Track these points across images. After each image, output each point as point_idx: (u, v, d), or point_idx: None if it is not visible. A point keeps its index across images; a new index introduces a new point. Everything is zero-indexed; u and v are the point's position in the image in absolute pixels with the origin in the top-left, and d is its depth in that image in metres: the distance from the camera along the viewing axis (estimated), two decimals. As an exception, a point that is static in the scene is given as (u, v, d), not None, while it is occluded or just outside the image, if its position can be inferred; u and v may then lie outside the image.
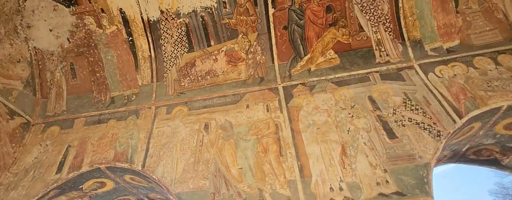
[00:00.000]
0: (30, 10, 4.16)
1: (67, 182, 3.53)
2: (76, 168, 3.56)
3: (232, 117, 3.66)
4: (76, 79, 4.39)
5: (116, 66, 4.31)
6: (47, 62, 4.41)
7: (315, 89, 3.71)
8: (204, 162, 3.33)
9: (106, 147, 3.69)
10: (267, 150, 3.29)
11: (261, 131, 3.45)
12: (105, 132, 3.87)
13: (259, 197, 2.97)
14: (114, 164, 3.51)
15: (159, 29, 4.21)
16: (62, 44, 4.38)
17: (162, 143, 3.59)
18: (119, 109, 4.09)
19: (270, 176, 3.09)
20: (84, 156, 3.66)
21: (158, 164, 3.41)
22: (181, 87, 4.10)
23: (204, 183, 3.16)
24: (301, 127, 3.40)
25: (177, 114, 3.85)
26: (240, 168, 3.21)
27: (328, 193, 2.86)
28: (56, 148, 3.83)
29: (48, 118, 4.19)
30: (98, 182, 3.70)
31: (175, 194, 3.14)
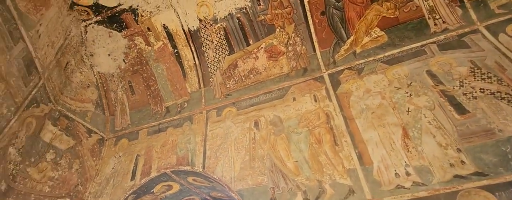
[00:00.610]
0: (91, 40, 4.91)
1: (141, 187, 4.05)
2: (146, 174, 4.06)
3: (281, 112, 3.77)
4: (135, 95, 5.02)
5: (167, 78, 4.81)
6: (110, 83, 5.13)
7: (363, 72, 3.61)
8: (259, 159, 3.50)
9: (168, 153, 4.14)
10: (321, 141, 3.31)
11: (312, 122, 3.49)
12: (165, 139, 4.34)
13: (319, 188, 3.01)
14: (177, 168, 3.91)
15: (200, 37, 4.58)
16: (119, 66, 5.06)
17: (217, 144, 3.88)
18: (174, 117, 4.54)
19: (328, 167, 3.10)
20: (152, 163, 4.16)
21: (217, 164, 3.69)
22: (227, 89, 4.38)
23: (262, 179, 3.32)
24: (354, 113, 3.34)
25: (227, 115, 4.12)
26: (296, 161, 3.29)
27: (394, 179, 2.76)
28: (128, 158, 4.42)
29: (117, 133, 4.86)
30: (166, 185, 4.16)
31: (236, 191, 3.37)
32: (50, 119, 4.04)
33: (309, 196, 3.01)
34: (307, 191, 3.04)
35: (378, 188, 2.78)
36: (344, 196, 2.86)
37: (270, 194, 3.18)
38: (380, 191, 2.75)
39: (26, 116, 3.56)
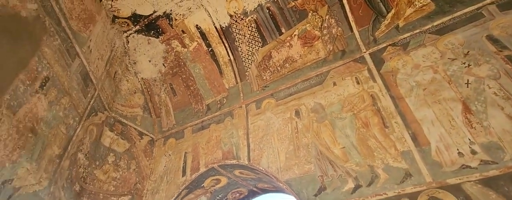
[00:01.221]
0: (132, 49, 5.35)
1: (192, 182, 4.32)
2: (196, 170, 4.31)
3: (321, 98, 3.71)
4: (177, 96, 5.35)
5: (204, 76, 5.04)
6: (153, 88, 5.53)
7: (409, 47, 3.37)
8: (304, 148, 3.49)
9: (214, 149, 4.34)
10: (368, 124, 3.18)
11: (356, 106, 3.37)
12: (209, 136, 4.56)
13: (371, 174, 2.90)
14: (224, 162, 4.08)
15: (232, 33, 4.71)
16: (160, 70, 5.43)
17: (260, 136, 3.96)
18: (215, 113, 4.74)
19: (379, 151, 2.97)
20: (199, 159, 4.41)
21: (262, 156, 3.77)
22: (264, 81, 4.44)
23: (309, 167, 3.31)
24: (403, 92, 3.15)
25: (266, 107, 4.18)
26: (343, 147, 3.21)
27: (457, 159, 2.55)
28: (177, 156, 4.74)
29: (164, 133, 5.23)
30: (215, 179, 4.38)
31: (284, 181, 3.40)
32: (107, 126, 4.51)
33: (360, 182, 2.92)
34: (359, 177, 2.96)
35: (439, 170, 2.59)
36: (400, 180, 2.72)
37: (319, 182, 3.15)
38: (442, 173, 2.56)
39: (88, 124, 4.02)
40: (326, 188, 3.08)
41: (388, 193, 2.74)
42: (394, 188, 2.72)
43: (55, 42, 3.29)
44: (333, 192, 3.03)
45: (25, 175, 2.60)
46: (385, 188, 2.77)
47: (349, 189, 2.95)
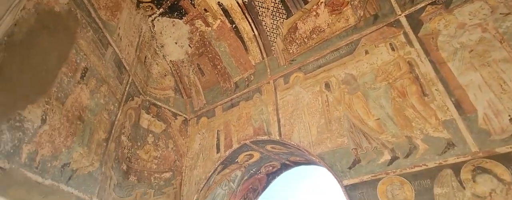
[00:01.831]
0: (158, 32, 5.44)
1: (226, 158, 4.51)
2: (229, 147, 4.48)
3: (353, 69, 3.53)
4: (205, 76, 5.44)
5: (230, 54, 5.02)
6: (182, 69, 5.66)
7: (453, 4, 3.01)
8: (336, 121, 3.42)
9: (245, 126, 4.43)
10: (405, 93, 3.00)
11: (391, 74, 3.17)
12: (239, 113, 4.64)
13: (409, 145, 2.78)
14: (255, 138, 4.17)
15: (255, 7, 4.55)
16: (187, 51, 5.50)
17: (289, 111, 3.94)
18: (244, 91, 4.77)
19: (417, 121, 2.82)
20: (231, 136, 4.55)
21: (292, 131, 3.78)
22: (291, 55, 4.31)
23: (343, 141, 3.26)
24: (445, 56, 2.88)
25: (294, 81, 4.10)
26: (377, 119, 3.09)
27: (509, 126, 2.34)
28: (210, 134, 4.93)
29: (196, 112, 5.43)
30: (248, 155, 4.53)
31: (317, 155, 3.41)
32: (144, 109, 4.77)
33: (397, 153, 2.83)
34: (395, 149, 2.86)
35: (487, 138, 2.41)
36: (442, 151, 2.59)
37: (353, 155, 3.11)
38: (490, 141, 2.38)
39: (127, 109, 4.28)
40: (361, 161, 3.04)
41: (428, 164, 2.63)
42: (434, 159, 2.60)
43: (88, 33, 3.43)
44: (368, 164, 2.99)
45: (80, 158, 2.89)
46: (424, 159, 2.66)
47: (385, 161, 2.88)
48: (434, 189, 2.54)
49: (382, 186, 2.83)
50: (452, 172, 2.50)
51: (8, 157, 2.08)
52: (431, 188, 2.56)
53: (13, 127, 2.15)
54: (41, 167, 2.35)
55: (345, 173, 3.11)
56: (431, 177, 2.59)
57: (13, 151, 2.13)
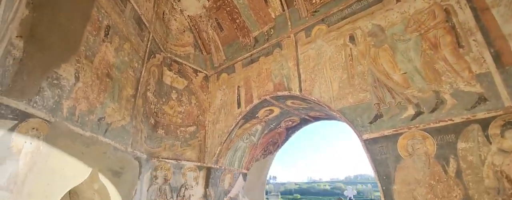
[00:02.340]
0: (173, -15, 5.19)
1: (247, 113, 4.65)
2: (250, 102, 4.57)
3: (381, 19, 3.28)
4: (224, 31, 5.31)
5: (249, 7, 4.78)
6: (200, 24, 5.53)
7: None
8: (359, 76, 3.33)
9: (265, 81, 4.44)
10: (437, 45, 2.79)
11: (424, 24, 2.92)
12: (259, 69, 4.61)
13: (436, 100, 2.70)
14: (276, 94, 4.20)
15: (273, -49, 4.14)
16: (204, 5, 5.29)
17: (311, 66, 3.86)
18: (264, 46, 4.65)
19: (448, 74, 2.67)
20: (252, 92, 4.61)
21: (313, 86, 3.75)
22: (313, 5, 4.03)
23: (365, 96, 3.21)
24: (489, 2, 2.57)
25: (317, 34, 3.91)
26: (404, 73, 2.96)
27: (552, 79, 2.16)
28: (231, 90, 5.02)
29: (217, 69, 5.46)
30: (268, 110, 4.63)
31: (338, 110, 3.42)
32: (165, 66, 4.85)
33: (422, 108, 2.77)
34: (420, 103, 2.79)
35: (523, 92, 2.26)
36: (472, 105, 2.49)
37: (375, 110, 3.09)
38: (527, 96, 2.24)
39: (150, 66, 4.37)
40: (383, 116, 3.02)
41: (454, 119, 2.57)
42: (462, 114, 2.53)
43: (105, -11, 3.36)
44: (391, 119, 2.97)
45: (112, 113, 3.10)
46: (451, 114, 2.59)
47: (409, 115, 2.85)
48: (458, 144, 2.53)
49: (403, 140, 2.86)
50: (480, 127, 2.44)
51: (51, 111, 2.26)
52: (455, 142, 2.55)
53: (52, 85, 2.29)
54: (80, 121, 2.56)
55: (366, 127, 3.13)
56: (456, 132, 2.56)
57: (55, 106, 2.31)
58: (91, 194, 2.81)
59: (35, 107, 2.12)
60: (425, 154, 2.70)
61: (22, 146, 2.00)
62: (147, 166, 4.00)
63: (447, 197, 2.50)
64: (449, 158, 2.55)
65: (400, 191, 2.77)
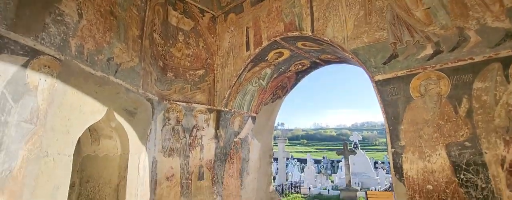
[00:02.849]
0: None
1: (256, 56, 4.58)
2: (259, 44, 4.46)
3: None
4: (230, -36, 4.86)
5: None
6: (204, -43, 5.05)
7: None
8: (376, 12, 3.12)
9: (275, 21, 4.24)
10: (471, -25, 2.51)
11: (459, -51, 2.57)
12: (269, 7, 4.35)
13: (459, 37, 2.55)
14: (286, 34, 4.05)
15: None
16: None
17: (325, 3, 3.61)
18: (274, -19, 4.30)
19: (476, 8, 2.47)
20: (261, 33, 4.45)
21: (326, 26, 3.57)
22: None
23: (381, 34, 3.07)
24: None
25: (334, -34, 3.54)
26: (427, 8, 2.75)
27: None
28: (239, 31, 4.85)
29: (224, 8, 5.18)
30: (277, 52, 4.54)
31: (351, 50, 3.31)
32: (170, 5, 4.62)
33: (442, 46, 2.65)
34: (441, 42, 2.66)
35: (557, 27, 2.10)
36: (496, 43, 2.37)
37: (391, 49, 2.98)
38: (561, 31, 2.09)
39: (154, 4, 4.17)
40: (398, 56, 2.93)
41: (475, 57, 2.48)
42: (484, 52, 2.42)
43: None
44: (406, 59, 2.88)
45: (120, 53, 3.09)
46: (472, 53, 2.48)
47: (426, 55, 2.75)
48: (474, 84, 2.49)
49: (417, 80, 2.82)
50: (501, 66, 2.36)
51: (60, 49, 2.27)
52: (471, 82, 2.51)
53: (56, 21, 2.25)
54: (90, 60, 2.59)
55: (379, 68, 3.07)
56: (474, 71, 2.49)
57: (63, 44, 2.30)
58: (109, 132, 3.01)
59: (43, 43, 2.12)
60: (437, 94, 2.69)
61: (38, 83, 2.07)
62: (159, 108, 4.16)
63: (453, 136, 2.58)
64: (462, 98, 2.54)
65: (407, 130, 2.85)
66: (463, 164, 2.49)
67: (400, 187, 2.83)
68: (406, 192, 2.77)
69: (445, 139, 2.61)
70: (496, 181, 2.32)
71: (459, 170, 2.51)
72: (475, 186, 2.41)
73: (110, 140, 3.03)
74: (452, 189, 2.52)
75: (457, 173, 2.52)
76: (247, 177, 5.35)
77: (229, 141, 5.12)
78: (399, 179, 2.84)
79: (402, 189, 2.81)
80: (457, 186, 2.50)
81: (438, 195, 2.58)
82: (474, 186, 2.41)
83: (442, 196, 2.56)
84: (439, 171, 2.60)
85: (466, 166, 2.47)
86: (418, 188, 2.70)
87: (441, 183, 2.58)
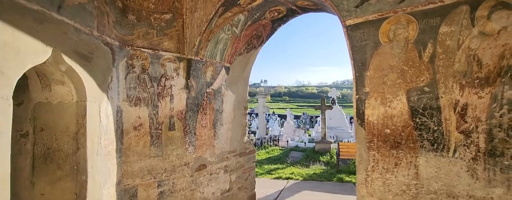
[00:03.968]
0: None
1: (227, 0, 4.28)
2: (230, -14, 4.12)
3: None
4: None
5: None
6: None
7: None
8: None
9: (247, -41, 3.86)
10: None
11: None
12: None
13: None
14: (258, -26, 3.74)
15: None
16: None
17: None
18: None
19: None
20: (232, -27, 4.08)
21: (301, -36, 3.30)
22: None
23: (356, -26, 2.88)
24: None
25: None
26: None
27: None
28: (209, -29, 4.43)
29: None
30: (251, -4, 4.25)
31: (324, -8, 3.13)
32: None
33: (415, -13, 2.54)
34: (414, -18, 2.54)
35: (531, -35, 2.03)
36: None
37: (365, -9, 2.83)
38: (533, -31, 2.02)
39: None
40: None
41: (445, 0, 2.41)
42: (455, -7, 2.35)
43: None
44: (378, 2, 2.78)
45: (64, -14, 2.73)
46: (443, -6, 2.41)
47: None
48: (440, 28, 2.47)
49: (386, 25, 2.76)
50: (469, 8, 2.32)
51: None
52: (438, 26, 2.48)
53: None
54: (22, -9, 2.27)
55: (351, 12, 2.96)
56: (442, 14, 2.45)
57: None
58: (60, 76, 2.82)
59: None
60: (405, 39, 2.67)
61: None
62: (121, 54, 3.93)
63: (414, 81, 2.64)
64: (427, 43, 2.54)
65: (372, 77, 2.89)
66: (420, 108, 2.60)
67: (360, 132, 2.97)
68: (366, 136, 2.92)
69: (406, 84, 2.68)
70: (447, 123, 2.47)
71: (415, 114, 2.63)
72: (427, 128, 2.56)
73: (62, 86, 2.86)
74: (407, 132, 2.67)
75: (413, 117, 2.64)
76: (221, 128, 5.46)
77: (202, 92, 5.07)
78: (360, 125, 2.97)
79: (362, 134, 2.96)
80: (412, 129, 2.64)
81: (394, 138, 2.74)
82: (427, 128, 2.56)
83: (398, 139, 2.72)
84: (397, 116, 2.72)
85: (423, 110, 2.58)
86: (377, 132, 2.84)
87: (398, 127, 2.72)
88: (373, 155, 2.86)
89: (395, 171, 2.73)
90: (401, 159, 2.69)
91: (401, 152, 2.69)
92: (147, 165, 4.29)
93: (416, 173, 2.61)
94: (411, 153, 2.64)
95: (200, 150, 5.06)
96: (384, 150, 2.79)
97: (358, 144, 2.98)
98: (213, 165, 5.29)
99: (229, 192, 5.60)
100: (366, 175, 2.89)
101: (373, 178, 2.84)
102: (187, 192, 4.84)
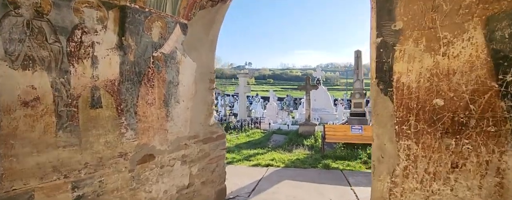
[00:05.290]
0: None
1: None
2: None
3: None
4: None
5: None
6: None
7: None
8: None
9: None
10: None
11: None
12: None
13: None
14: None
15: None
16: None
17: None
18: None
19: None
20: None
21: None
22: None
23: None
24: None
25: None
26: None
27: None
28: None
29: None
30: None
31: None
32: None
33: None
34: None
35: None
36: None
37: None
38: None
39: None
40: None
41: None
42: None
43: None
44: None
45: None
46: None
47: None
48: None
49: None
50: None
51: None
52: None
53: None
54: None
55: None
56: None
57: None
58: None
59: None
60: None
61: None
62: (-14, -19, 2.30)
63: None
64: None
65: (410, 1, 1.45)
66: None
67: (382, 105, 1.59)
68: (394, 113, 1.54)
69: (485, 7, 1.26)
70: None
71: (504, 67, 1.24)
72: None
73: None
74: (484, 104, 1.29)
75: (499, 73, 1.26)
76: (176, 106, 3.99)
77: (145, 55, 3.54)
78: (383, 91, 1.57)
79: (386, 108, 1.57)
80: (495, 97, 1.27)
81: (453, 116, 1.37)
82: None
83: (461, 117, 1.35)
84: (463, 72, 1.34)
85: (520, 58, 1.20)
86: (416, 106, 1.46)
87: (464, 95, 1.34)
88: (406, 147, 1.49)
89: (452, 178, 1.38)
90: (466, 157, 1.34)
91: (467, 142, 1.34)
92: (51, 159, 2.79)
93: (500, 184, 1.27)
94: (490, 146, 1.29)
95: (145, 135, 3.60)
96: (430, 138, 1.43)
97: (377, 126, 1.61)
98: (165, 155, 3.86)
99: (189, 188, 4.23)
100: (392, 183, 1.55)
101: (406, 190, 1.49)
102: (124, 192, 3.41)
